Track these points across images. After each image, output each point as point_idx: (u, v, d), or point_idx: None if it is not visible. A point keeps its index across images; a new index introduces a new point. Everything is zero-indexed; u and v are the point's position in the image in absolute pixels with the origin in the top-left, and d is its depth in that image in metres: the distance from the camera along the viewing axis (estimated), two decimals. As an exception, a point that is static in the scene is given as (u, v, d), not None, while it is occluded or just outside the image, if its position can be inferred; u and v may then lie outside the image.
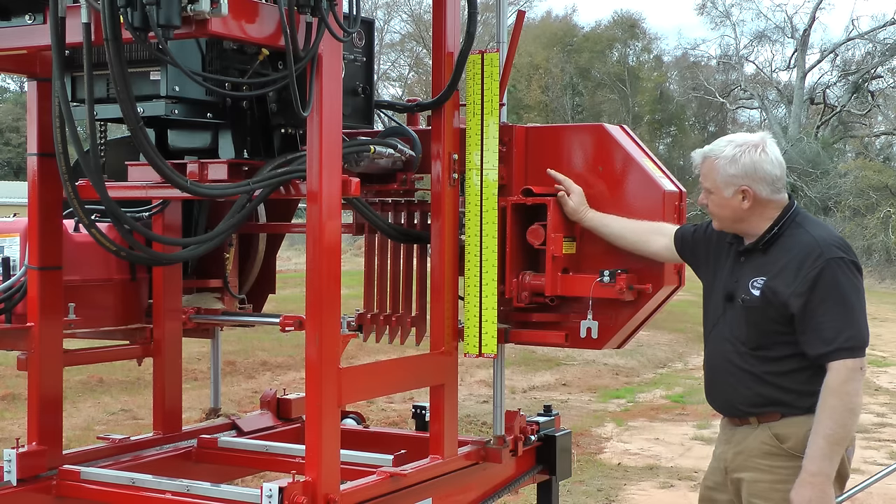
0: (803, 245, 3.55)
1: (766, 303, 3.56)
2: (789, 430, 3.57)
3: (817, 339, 3.47)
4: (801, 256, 3.53)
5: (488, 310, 4.08)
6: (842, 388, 3.44)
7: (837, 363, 3.45)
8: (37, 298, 3.94)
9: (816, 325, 3.47)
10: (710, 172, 3.66)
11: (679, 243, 3.92)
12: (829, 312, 3.47)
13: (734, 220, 3.68)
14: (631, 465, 8.63)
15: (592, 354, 14.06)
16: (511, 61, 4.17)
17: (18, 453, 3.90)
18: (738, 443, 3.70)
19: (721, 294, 3.72)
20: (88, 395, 11.18)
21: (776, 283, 3.54)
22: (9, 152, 47.31)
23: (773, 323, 3.56)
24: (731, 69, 47.85)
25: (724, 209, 3.67)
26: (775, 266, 3.58)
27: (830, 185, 35.66)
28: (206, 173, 3.74)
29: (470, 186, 4.10)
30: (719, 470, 3.80)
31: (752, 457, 3.64)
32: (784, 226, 3.62)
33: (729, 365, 3.68)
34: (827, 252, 3.51)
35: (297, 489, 3.36)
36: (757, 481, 3.62)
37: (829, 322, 3.46)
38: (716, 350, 3.77)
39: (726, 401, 3.74)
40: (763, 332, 3.59)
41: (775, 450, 3.60)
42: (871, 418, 10.72)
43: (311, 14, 3.25)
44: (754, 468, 3.64)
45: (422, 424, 4.75)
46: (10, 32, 3.36)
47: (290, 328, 4.03)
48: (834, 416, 3.44)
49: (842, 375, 3.44)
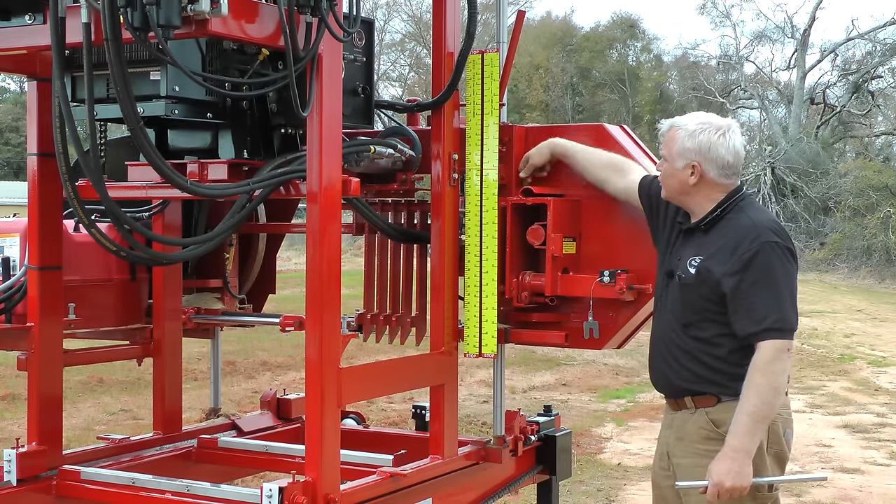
0: (741, 227, 3.63)
1: (699, 281, 3.63)
2: (725, 415, 3.62)
3: (747, 319, 3.54)
4: (737, 238, 3.60)
5: (488, 310, 4.08)
6: (768, 366, 3.51)
7: (766, 343, 3.51)
8: (37, 298, 3.94)
9: (747, 306, 3.54)
10: (670, 141, 3.74)
11: (646, 191, 3.94)
12: (759, 294, 3.54)
13: (679, 192, 3.74)
14: (631, 465, 8.63)
15: (592, 354, 14.06)
16: (511, 61, 4.17)
17: (18, 453, 3.90)
18: (678, 428, 3.77)
19: (664, 270, 3.80)
20: (88, 395, 11.18)
21: (711, 262, 3.62)
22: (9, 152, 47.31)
23: (705, 301, 3.63)
24: (731, 69, 47.83)
25: (671, 179, 3.74)
26: (713, 246, 3.65)
27: (830, 185, 35.64)
28: (206, 173, 3.74)
29: (470, 186, 4.10)
30: (664, 455, 3.86)
31: (692, 442, 3.71)
32: (727, 209, 3.69)
33: (667, 341, 3.76)
34: (763, 235, 3.58)
35: (297, 489, 3.36)
36: (696, 466, 3.68)
37: (759, 303, 3.53)
38: (657, 326, 3.84)
39: (663, 376, 3.81)
40: (695, 310, 3.66)
41: (712, 434, 3.66)
42: (871, 418, 10.72)
43: (311, 14, 3.25)
44: (694, 453, 3.70)
45: (422, 424, 4.75)
46: (10, 32, 3.36)
47: (291, 328, 4.03)
48: (759, 394, 3.51)
49: (769, 355, 3.51)
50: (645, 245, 4.00)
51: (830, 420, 10.65)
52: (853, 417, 10.74)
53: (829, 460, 8.87)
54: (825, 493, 7.69)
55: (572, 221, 4.14)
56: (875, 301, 24.68)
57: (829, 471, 8.31)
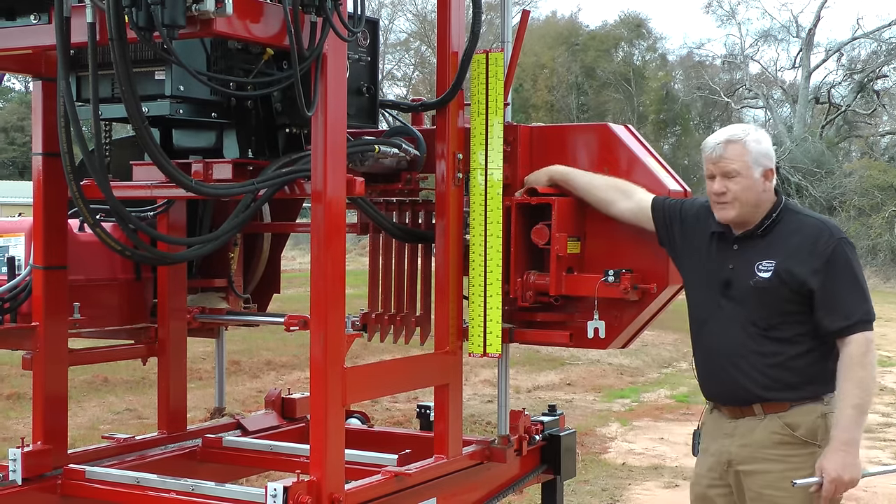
0: (811, 227, 3.69)
1: (780, 283, 3.63)
2: (799, 418, 3.65)
3: (837, 314, 3.60)
4: (812, 237, 3.65)
5: (493, 309, 4.08)
6: (864, 358, 3.58)
7: (858, 335, 3.59)
8: (42, 298, 3.94)
9: (836, 302, 3.60)
10: (741, 154, 3.67)
11: (660, 208, 3.93)
12: (846, 288, 3.62)
13: (755, 203, 3.71)
14: (635, 465, 8.63)
15: (597, 354, 14.05)
16: (516, 61, 4.17)
17: (24, 452, 3.91)
18: (743, 435, 3.73)
19: (717, 286, 3.75)
20: (93, 394, 11.20)
21: (790, 263, 3.63)
22: (14, 152, 47.41)
23: (787, 303, 3.65)
24: (736, 68, 47.76)
25: (749, 192, 3.69)
26: (784, 248, 3.66)
27: (835, 185, 35.60)
28: (210, 173, 3.75)
29: (474, 186, 4.10)
30: (719, 465, 3.80)
31: (762, 448, 3.69)
32: (781, 212, 3.73)
33: (740, 349, 3.71)
34: (835, 233, 3.69)
35: (302, 488, 3.36)
36: (769, 471, 3.66)
37: (847, 298, 3.61)
38: (714, 339, 3.79)
39: (733, 389, 3.75)
40: (776, 312, 3.67)
41: (788, 438, 3.65)
42: (876, 418, 10.71)
43: (316, 14, 3.26)
44: (765, 459, 3.68)
45: (426, 424, 4.75)
46: (16, 32, 3.37)
47: (295, 328, 4.03)
48: (862, 385, 3.57)
49: (863, 347, 3.59)
50: (649, 245, 4.00)
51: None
52: (858, 417, 10.71)
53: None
54: (830, 493, 7.66)
55: (577, 221, 4.14)
56: (880, 301, 24.58)
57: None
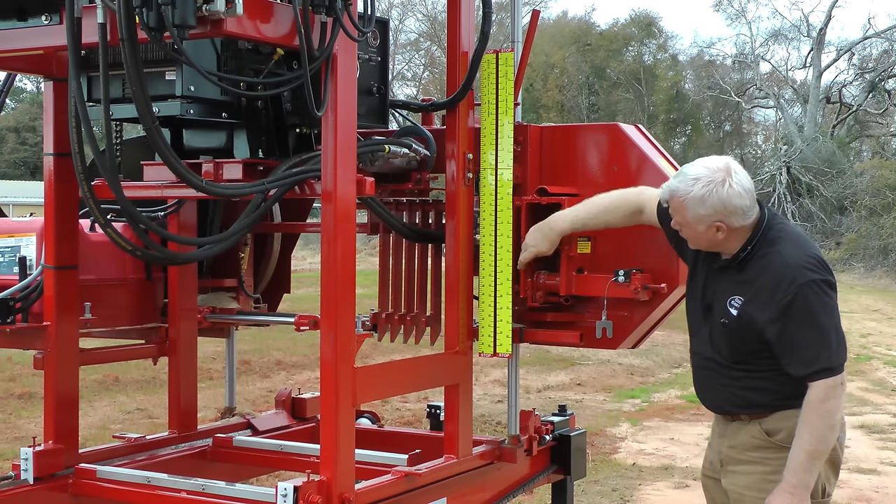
0: (775, 269, 3.55)
1: (743, 326, 3.60)
2: (779, 423, 3.65)
3: (796, 363, 3.53)
4: (774, 281, 3.53)
5: (503, 309, 4.08)
6: (822, 406, 3.52)
7: (818, 383, 3.51)
8: (53, 298, 3.95)
9: (795, 350, 3.53)
10: (680, 209, 3.61)
11: (665, 218, 3.81)
12: (805, 337, 3.51)
13: (710, 246, 3.69)
14: (646, 465, 8.62)
15: (607, 354, 14.03)
16: (526, 61, 4.17)
17: (35, 452, 3.92)
18: (731, 437, 3.78)
19: (700, 303, 3.76)
20: (104, 394, 11.22)
21: (752, 307, 3.57)
22: (25, 152, 47.52)
23: (754, 343, 3.61)
24: (747, 68, 47.64)
25: (698, 240, 3.68)
26: (751, 287, 3.59)
27: (846, 185, 35.52)
28: (221, 173, 3.75)
29: (485, 186, 4.10)
30: (716, 460, 3.86)
31: (744, 450, 3.73)
32: (757, 245, 3.61)
33: (712, 373, 3.76)
34: (798, 277, 3.51)
35: (312, 488, 3.37)
36: (750, 473, 3.70)
37: (806, 345, 3.51)
38: (699, 348, 3.81)
39: (714, 401, 3.83)
40: (744, 351, 3.65)
41: (765, 443, 3.68)
42: (886, 419, 10.68)
43: (326, 14, 3.26)
44: (748, 461, 3.72)
45: (436, 424, 4.75)
46: (27, 33, 3.37)
47: (305, 328, 4.03)
48: (815, 433, 3.53)
49: (822, 393, 3.51)
50: (660, 245, 3.99)
51: (846, 420, 10.57)
52: (869, 418, 10.70)
53: (844, 461, 8.82)
54: (841, 494, 7.65)
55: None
56: (891, 301, 24.56)
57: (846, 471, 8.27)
